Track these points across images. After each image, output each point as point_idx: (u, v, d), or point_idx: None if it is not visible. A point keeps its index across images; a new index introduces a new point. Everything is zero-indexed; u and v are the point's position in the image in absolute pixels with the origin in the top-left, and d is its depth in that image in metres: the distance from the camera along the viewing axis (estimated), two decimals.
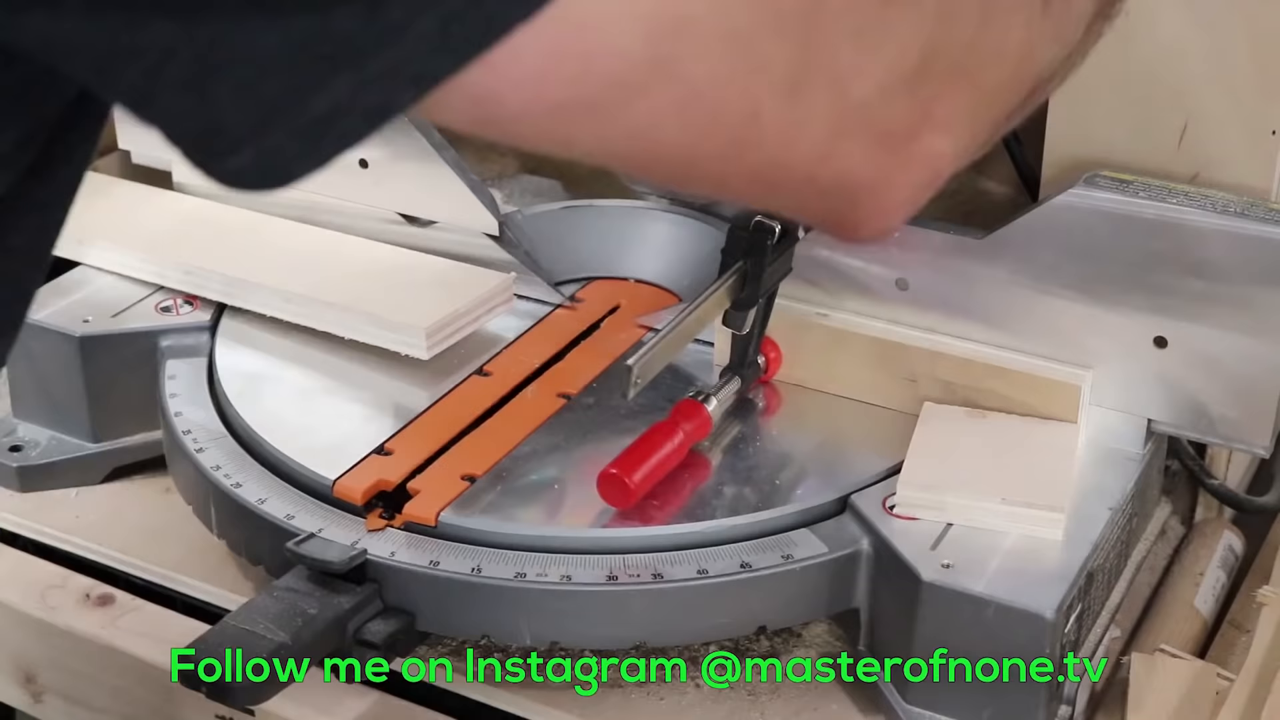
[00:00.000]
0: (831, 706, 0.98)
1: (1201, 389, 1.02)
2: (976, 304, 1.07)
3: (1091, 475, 1.01)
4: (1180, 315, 1.01)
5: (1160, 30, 1.05)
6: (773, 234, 1.04)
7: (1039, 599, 0.91)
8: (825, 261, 1.13)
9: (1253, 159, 1.05)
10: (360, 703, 0.99)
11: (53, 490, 1.17)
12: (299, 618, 0.92)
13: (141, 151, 1.56)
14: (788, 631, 1.03)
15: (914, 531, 0.96)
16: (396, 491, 1.00)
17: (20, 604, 1.08)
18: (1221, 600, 1.11)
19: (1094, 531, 0.97)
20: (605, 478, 0.98)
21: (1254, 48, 1.02)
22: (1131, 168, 1.07)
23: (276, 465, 1.04)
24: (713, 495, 1.01)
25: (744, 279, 1.04)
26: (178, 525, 1.12)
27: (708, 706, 0.98)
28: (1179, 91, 1.06)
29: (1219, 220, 0.99)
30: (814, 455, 1.07)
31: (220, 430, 1.08)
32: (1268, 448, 1.02)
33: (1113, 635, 1.03)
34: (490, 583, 0.94)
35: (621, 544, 0.96)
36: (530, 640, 0.95)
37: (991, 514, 0.96)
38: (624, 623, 0.95)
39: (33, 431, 1.20)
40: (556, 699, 0.98)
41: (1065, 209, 1.02)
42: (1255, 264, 0.98)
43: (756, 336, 1.07)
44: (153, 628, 1.06)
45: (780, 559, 0.96)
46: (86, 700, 1.08)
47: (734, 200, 0.95)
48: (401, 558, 0.95)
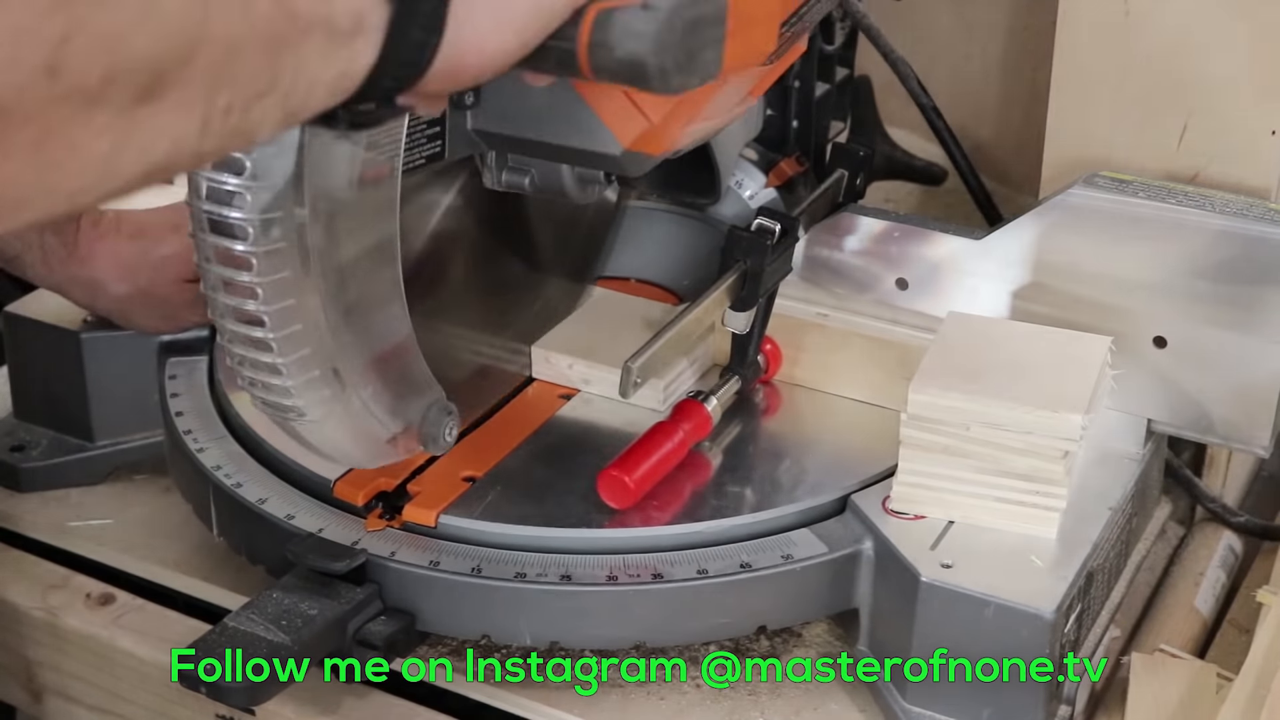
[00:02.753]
0: (831, 706, 0.98)
1: (1201, 389, 1.02)
2: (976, 304, 1.07)
3: (1091, 475, 1.01)
4: (1180, 315, 1.01)
5: (1160, 31, 1.05)
6: (773, 234, 1.04)
7: (1039, 599, 0.91)
8: (825, 261, 1.13)
9: (1253, 159, 1.05)
10: (360, 703, 0.99)
11: (53, 490, 1.17)
12: (299, 618, 0.92)
13: None
14: (788, 631, 1.03)
15: (914, 531, 0.96)
16: (396, 492, 1.01)
17: (21, 604, 1.09)
18: (1221, 600, 1.11)
19: (1094, 531, 0.97)
20: (605, 478, 0.98)
21: (1254, 48, 1.03)
22: (1131, 168, 1.07)
23: (276, 465, 1.04)
24: (713, 495, 1.01)
25: (744, 279, 1.04)
26: (178, 525, 1.12)
27: (708, 706, 0.98)
28: (1179, 91, 1.06)
29: (1219, 220, 0.99)
30: (814, 455, 1.07)
31: (220, 430, 1.08)
32: (1267, 448, 1.02)
33: (1113, 635, 1.03)
34: (490, 583, 0.94)
35: (621, 544, 0.96)
36: (530, 640, 0.95)
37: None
38: (624, 623, 0.95)
39: (33, 431, 1.20)
40: (556, 699, 0.98)
41: (1065, 209, 1.02)
42: (1255, 264, 0.98)
43: (756, 336, 1.07)
44: (153, 628, 1.06)
45: (780, 559, 0.96)
46: (86, 700, 1.08)
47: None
48: (401, 558, 0.95)
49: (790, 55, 0.96)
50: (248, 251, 0.77)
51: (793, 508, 0.99)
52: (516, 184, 0.96)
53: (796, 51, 0.97)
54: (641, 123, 0.86)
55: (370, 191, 0.81)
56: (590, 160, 0.90)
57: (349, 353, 0.84)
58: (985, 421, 0.94)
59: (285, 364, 0.81)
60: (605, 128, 0.86)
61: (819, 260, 1.13)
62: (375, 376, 0.86)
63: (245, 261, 0.78)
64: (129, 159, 0.55)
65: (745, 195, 1.23)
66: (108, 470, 1.18)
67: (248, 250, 0.77)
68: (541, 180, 0.95)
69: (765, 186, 1.24)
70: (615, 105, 0.85)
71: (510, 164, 0.96)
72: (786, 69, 1.05)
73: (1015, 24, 1.44)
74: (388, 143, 0.80)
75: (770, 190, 1.24)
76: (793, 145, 1.24)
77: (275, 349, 0.81)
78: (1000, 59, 1.45)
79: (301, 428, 0.86)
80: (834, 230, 1.13)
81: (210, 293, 0.80)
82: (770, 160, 1.24)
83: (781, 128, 1.24)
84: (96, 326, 1.16)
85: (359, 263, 0.83)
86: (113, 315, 1.15)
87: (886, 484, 0.99)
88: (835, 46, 1.24)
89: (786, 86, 1.23)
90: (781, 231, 1.05)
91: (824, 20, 1.22)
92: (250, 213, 0.76)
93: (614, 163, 0.88)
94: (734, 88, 0.91)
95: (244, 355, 0.82)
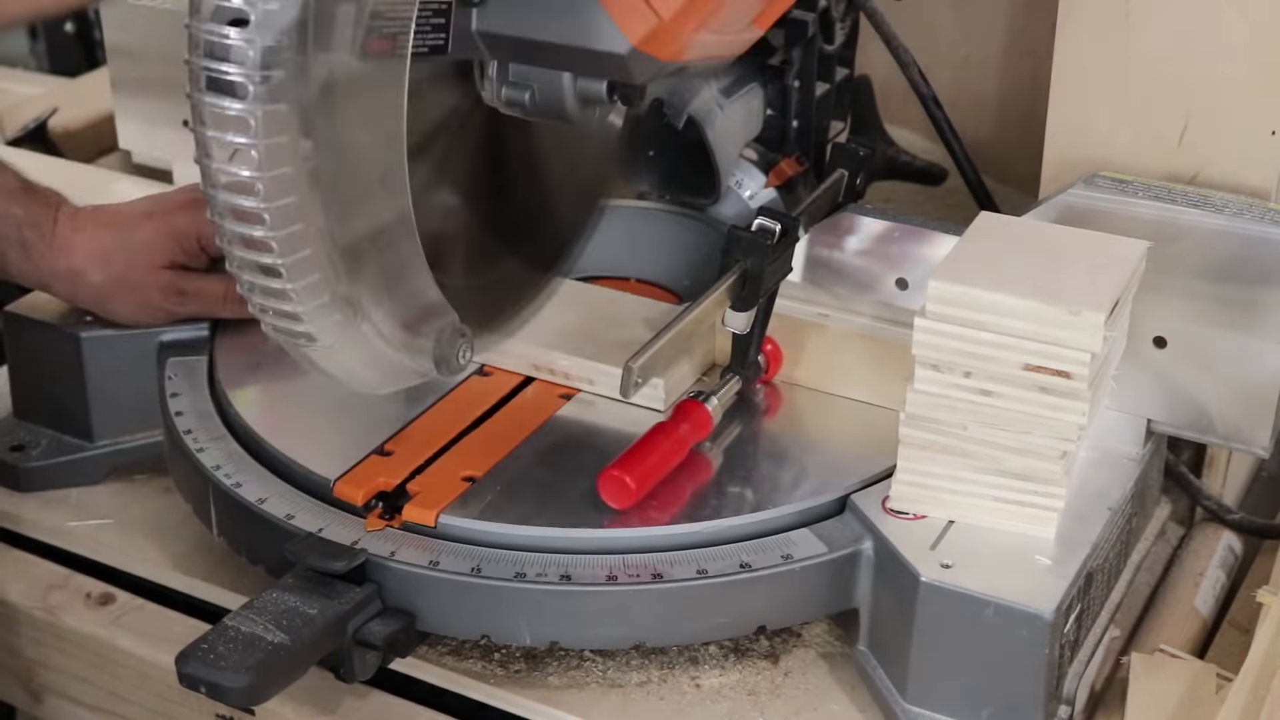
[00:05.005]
0: (831, 706, 0.98)
1: (1201, 389, 1.02)
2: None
3: (1091, 475, 1.01)
4: (1180, 315, 1.01)
5: (1160, 31, 1.05)
6: (773, 234, 1.04)
7: (1038, 599, 0.91)
8: (825, 261, 1.13)
9: (1253, 159, 1.05)
10: (360, 703, 0.99)
11: (53, 490, 1.17)
12: (299, 618, 0.92)
13: (142, 151, 1.56)
14: (788, 631, 1.03)
15: (914, 531, 0.96)
16: (396, 492, 1.01)
17: (21, 604, 1.09)
18: (1221, 600, 1.11)
19: (1093, 531, 0.97)
20: (606, 478, 0.98)
21: (1254, 48, 1.03)
22: (1131, 168, 1.07)
23: (276, 465, 1.04)
24: (713, 495, 1.01)
25: (744, 279, 1.04)
26: (178, 525, 1.12)
27: (708, 706, 0.98)
28: (1179, 91, 1.06)
29: (1219, 220, 0.99)
30: (814, 455, 1.07)
31: (220, 430, 1.08)
32: (1267, 448, 1.02)
33: (1113, 635, 1.03)
34: (490, 583, 0.94)
35: (621, 544, 0.96)
36: (530, 640, 0.95)
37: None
38: (624, 623, 0.95)
39: (33, 431, 1.20)
40: (556, 699, 0.98)
41: (1065, 209, 1.02)
42: (1255, 264, 0.98)
43: (756, 336, 1.07)
44: (153, 627, 1.06)
45: (780, 559, 0.96)
46: (86, 700, 1.08)
47: None
48: (401, 558, 0.95)
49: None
50: (245, 111, 0.75)
51: (792, 508, 0.99)
52: (516, 100, 0.92)
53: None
54: (650, 18, 0.83)
55: (376, 70, 0.79)
56: (596, 63, 0.86)
57: (359, 274, 0.82)
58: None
59: (294, 289, 0.80)
60: (613, 23, 0.84)
61: (819, 260, 1.13)
62: (387, 298, 0.85)
63: (243, 123, 0.75)
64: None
65: (745, 195, 1.24)
66: (108, 470, 1.18)
67: (245, 110, 0.75)
68: (542, 97, 0.91)
69: (765, 186, 1.24)
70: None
71: (511, 78, 0.92)
72: (790, 5, 1.03)
73: (1015, 24, 1.44)
74: (395, 15, 0.78)
75: (770, 190, 1.24)
76: (793, 145, 1.25)
77: (284, 274, 0.79)
78: (1000, 59, 1.45)
79: (314, 354, 0.85)
80: (834, 230, 1.13)
81: (210, 191, 0.78)
82: (770, 160, 1.24)
83: (781, 128, 1.24)
84: (96, 326, 1.16)
85: (364, 162, 0.81)
86: (92, 306, 1.15)
87: (886, 484, 0.99)
88: (835, 46, 1.24)
89: (786, 86, 1.23)
90: (781, 231, 1.05)
91: (824, 20, 1.22)
92: (251, 68, 0.74)
93: (620, 64, 0.85)
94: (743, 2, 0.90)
95: (253, 282, 0.81)
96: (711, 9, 0.87)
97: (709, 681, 0.99)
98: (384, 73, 0.80)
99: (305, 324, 0.82)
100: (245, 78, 0.75)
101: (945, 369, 0.94)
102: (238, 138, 0.76)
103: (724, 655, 1.01)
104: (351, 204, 0.80)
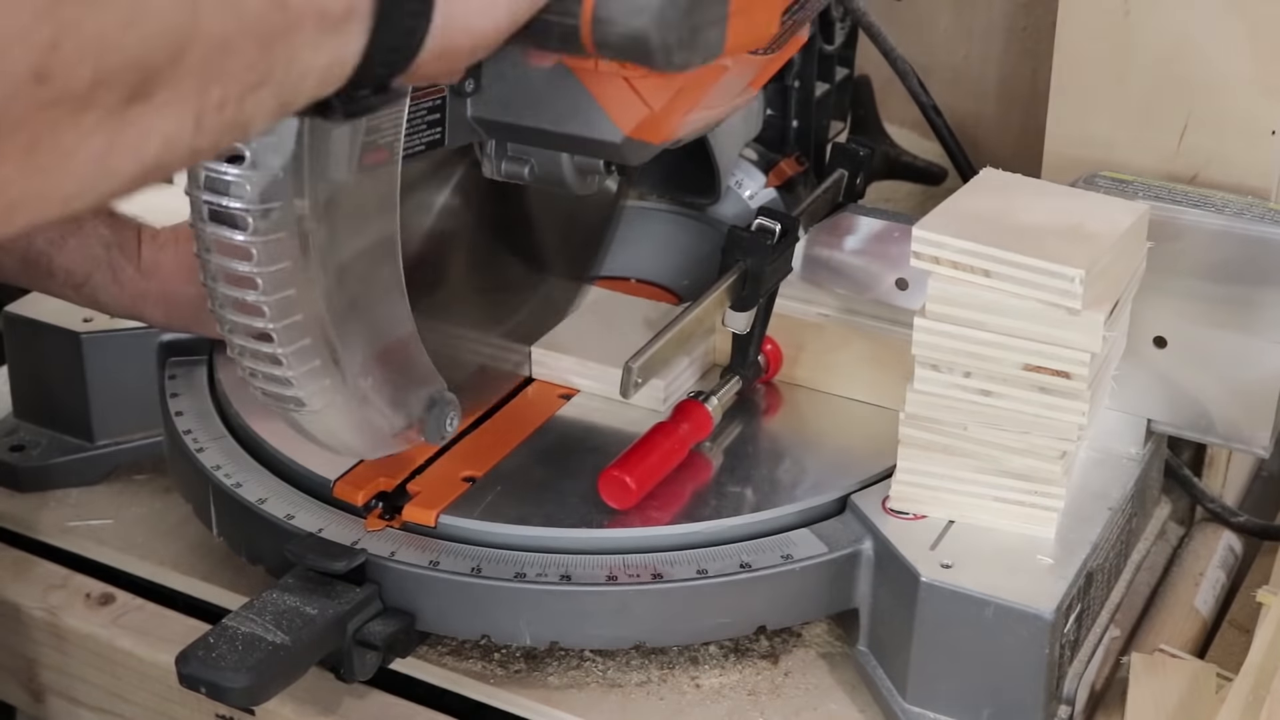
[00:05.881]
0: (831, 706, 0.98)
1: (1201, 389, 1.02)
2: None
3: (1091, 475, 1.01)
4: (1180, 315, 1.01)
5: (1160, 31, 1.05)
6: (773, 234, 1.04)
7: (1038, 599, 0.91)
8: (825, 261, 1.13)
9: (1253, 159, 1.05)
10: (360, 703, 0.99)
11: (53, 490, 1.17)
12: (299, 618, 0.92)
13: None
14: (788, 631, 1.03)
15: (914, 531, 0.96)
16: (396, 492, 1.01)
17: (22, 604, 1.09)
18: (1221, 600, 1.11)
19: (1093, 531, 0.97)
20: (606, 478, 0.98)
21: (1254, 48, 1.03)
22: (1131, 168, 1.07)
23: (276, 465, 1.04)
24: (713, 495, 1.01)
25: (744, 279, 1.04)
26: (178, 525, 1.12)
27: (708, 706, 0.98)
28: (1179, 91, 1.06)
29: (1219, 220, 0.99)
30: (814, 455, 1.07)
31: (220, 430, 1.08)
32: (1267, 448, 1.02)
33: (1113, 635, 1.03)
34: (490, 583, 0.94)
35: (621, 544, 0.96)
36: (530, 640, 0.95)
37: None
38: (624, 623, 0.95)
39: (33, 431, 1.20)
40: (556, 699, 0.98)
41: None
42: (1255, 264, 0.98)
43: (756, 336, 1.07)
44: (153, 627, 1.06)
45: (780, 559, 0.96)
46: (87, 700, 1.08)
47: None
48: (401, 558, 0.95)
49: (791, 46, 0.95)
50: (247, 241, 0.77)
51: (793, 508, 0.99)
52: (516, 174, 0.95)
53: (797, 43, 0.97)
54: (642, 109, 0.85)
55: (370, 177, 0.81)
56: (591, 148, 0.89)
57: (350, 343, 0.84)
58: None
59: (285, 354, 0.81)
60: (606, 115, 0.86)
61: (819, 260, 1.13)
62: (376, 367, 0.86)
63: (245, 251, 0.77)
64: (122, 159, 0.55)
65: (745, 195, 1.23)
66: (108, 470, 1.18)
67: (248, 240, 0.77)
68: (541, 170, 0.94)
69: (765, 186, 1.24)
70: (616, 91, 0.85)
71: (510, 153, 0.94)
72: (786, 61, 1.04)
73: (1015, 24, 1.44)
74: (388, 127, 0.80)
75: (770, 190, 1.24)
76: (793, 145, 1.25)
77: (275, 339, 0.80)
78: (1000, 59, 1.45)
79: (302, 418, 0.86)
80: (834, 230, 1.13)
81: (210, 283, 0.80)
82: (770, 160, 1.24)
83: (781, 128, 1.24)
84: (96, 326, 1.16)
85: (360, 254, 0.82)
86: (190, 323, 1.13)
87: (886, 484, 0.99)
88: (835, 46, 1.24)
89: (786, 86, 1.23)
90: (781, 231, 1.05)
91: (824, 20, 1.22)
92: (250, 202, 0.76)
93: (615, 150, 0.87)
94: (735, 76, 0.91)
95: (244, 346, 0.82)
96: (701, 93, 0.89)
97: (709, 681, 1.00)
98: (380, 178, 0.82)
99: (295, 389, 0.83)
100: (245, 211, 0.76)
101: (945, 369, 0.94)
102: (240, 266, 0.78)
103: (724, 655, 1.01)
104: (344, 275, 0.81)
